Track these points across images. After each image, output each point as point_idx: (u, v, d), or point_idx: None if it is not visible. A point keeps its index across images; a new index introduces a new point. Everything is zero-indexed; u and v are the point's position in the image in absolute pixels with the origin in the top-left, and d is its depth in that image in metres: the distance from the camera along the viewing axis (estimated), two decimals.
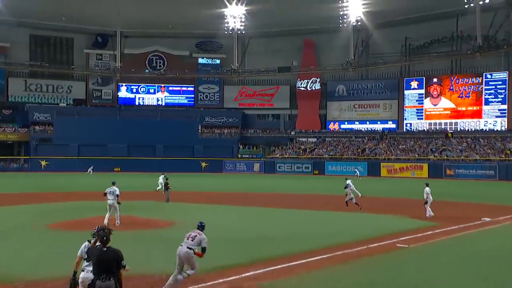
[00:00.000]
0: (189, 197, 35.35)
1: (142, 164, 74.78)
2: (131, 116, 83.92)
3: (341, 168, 71.74)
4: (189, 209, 27.60)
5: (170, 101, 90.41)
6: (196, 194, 38.41)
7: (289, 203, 31.86)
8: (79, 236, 18.14)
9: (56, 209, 26.56)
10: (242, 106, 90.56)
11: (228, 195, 38.12)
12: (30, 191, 39.01)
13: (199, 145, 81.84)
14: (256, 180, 59.77)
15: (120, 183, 49.09)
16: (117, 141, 77.83)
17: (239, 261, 14.29)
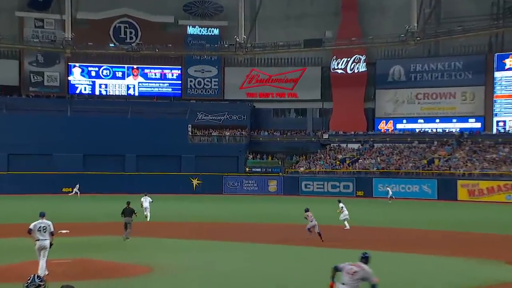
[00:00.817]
0: (172, 230, 35.10)
1: (106, 182, 74.60)
2: (89, 111, 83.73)
3: (398, 187, 71.16)
4: (173, 248, 27.64)
5: (146, 89, 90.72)
6: (183, 226, 38.21)
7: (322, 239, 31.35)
8: None
9: None
10: (252, 97, 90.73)
11: (231, 228, 37.87)
12: None
13: (189, 154, 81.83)
14: (272, 205, 59.29)
15: (71, 210, 48.80)
16: (67, 149, 77.84)
17: None
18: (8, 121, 79.28)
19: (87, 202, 58.22)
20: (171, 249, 27.29)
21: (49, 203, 57.74)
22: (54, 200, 61.73)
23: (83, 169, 77.79)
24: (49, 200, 61.73)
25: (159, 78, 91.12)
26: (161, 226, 37.89)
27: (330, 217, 38.35)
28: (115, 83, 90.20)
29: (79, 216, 42.36)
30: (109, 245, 28.11)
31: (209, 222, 41.41)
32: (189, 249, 27.36)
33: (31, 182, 73.32)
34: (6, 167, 77.13)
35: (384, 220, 43.65)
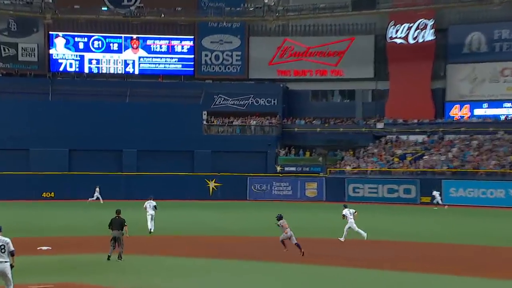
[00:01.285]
0: (181, 247, 35.21)
1: (96, 184, 74.91)
2: (76, 94, 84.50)
3: (476, 192, 70.60)
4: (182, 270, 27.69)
5: (149, 66, 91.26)
6: (196, 241, 38.26)
7: (380, 257, 31.41)
8: None
9: None
10: (284, 76, 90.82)
11: (257, 243, 37.92)
12: None
13: (204, 150, 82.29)
14: (311, 214, 59.21)
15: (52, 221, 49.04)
16: (49, 143, 78.31)
17: None
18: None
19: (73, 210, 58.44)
20: (179, 272, 27.25)
21: (24, 212, 58.41)
22: (32, 208, 62.58)
23: (69, 169, 78.70)
24: (26, 208, 62.52)
25: (166, 52, 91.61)
26: (167, 241, 37.95)
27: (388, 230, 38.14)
28: (110, 58, 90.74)
29: (63, 229, 42.58)
30: (99, 265, 28.10)
31: (229, 236, 41.32)
32: (202, 271, 27.26)
33: (3, 185, 73.56)
34: None
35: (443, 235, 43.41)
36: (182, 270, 27.53)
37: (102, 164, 78.04)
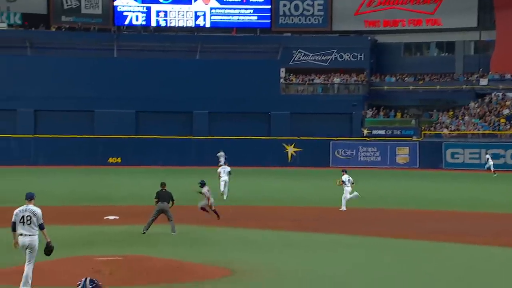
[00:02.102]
0: (257, 218, 35.53)
1: (165, 151, 75.99)
2: (143, 50, 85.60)
3: None
4: (258, 243, 27.91)
5: (222, 19, 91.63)
6: (273, 212, 38.57)
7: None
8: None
9: None
10: (373, 27, 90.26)
11: (339, 214, 38.02)
12: None
13: (282, 111, 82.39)
14: (404, 182, 59.16)
15: (117, 190, 49.85)
16: (114, 104, 79.63)
17: None
18: (34, 64, 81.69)
19: (141, 177, 59.46)
20: (255, 245, 27.40)
21: (90, 179, 59.79)
22: (97, 175, 63.93)
23: (135, 132, 79.91)
24: (91, 174, 64.06)
25: (240, 2, 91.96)
26: (242, 211, 38.43)
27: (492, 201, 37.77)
28: (179, 9, 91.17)
29: (130, 197, 43.39)
30: (168, 237, 28.65)
31: (310, 206, 41.58)
32: (280, 244, 27.41)
33: (66, 149, 75.98)
34: (32, 128, 79.76)
35: None
36: (264, 243, 27.75)
37: (171, 127, 79.12)
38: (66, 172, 65.05)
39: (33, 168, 68.76)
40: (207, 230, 30.87)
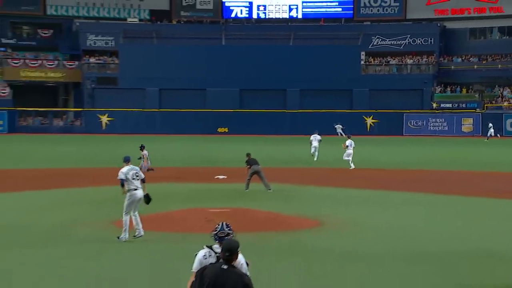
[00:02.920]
0: (341, 178, 35.40)
1: (264, 122, 76.22)
2: (245, 38, 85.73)
3: None
4: (340, 200, 27.66)
5: (312, 10, 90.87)
6: (354, 173, 38.31)
7: None
8: (165, 239, 19.07)
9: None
10: (442, 15, 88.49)
11: (412, 175, 37.48)
12: (83, 166, 41.69)
13: (362, 88, 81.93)
14: (467, 149, 58.20)
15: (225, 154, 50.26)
16: (222, 83, 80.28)
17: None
18: (159, 52, 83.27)
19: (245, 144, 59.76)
20: (340, 200, 27.24)
21: (204, 145, 60.62)
22: (208, 142, 64.44)
23: (239, 107, 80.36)
24: (203, 141, 64.62)
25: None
26: (328, 173, 38.51)
27: None
28: (276, 3, 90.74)
29: (236, 160, 43.79)
30: (266, 194, 28.73)
31: (386, 169, 41.35)
32: (361, 201, 27.24)
33: (184, 121, 77.30)
34: (157, 103, 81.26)
35: None
36: (348, 199, 27.54)
37: (269, 102, 79.57)
38: (184, 140, 65.99)
39: (158, 136, 69.82)
40: (298, 188, 31.01)
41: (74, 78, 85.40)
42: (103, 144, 61.21)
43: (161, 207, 24.32)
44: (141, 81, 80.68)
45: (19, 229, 20.67)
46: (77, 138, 70.77)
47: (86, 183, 32.16)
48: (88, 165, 42.29)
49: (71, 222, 21.16)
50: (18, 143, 63.25)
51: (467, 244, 18.95)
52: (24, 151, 54.58)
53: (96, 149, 55.94)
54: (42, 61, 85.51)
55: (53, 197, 24.11)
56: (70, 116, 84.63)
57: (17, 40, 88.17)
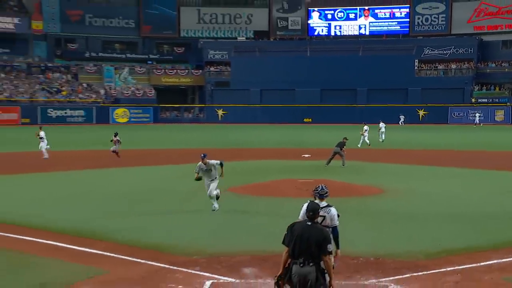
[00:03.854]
0: (400, 157, 35.10)
1: (339, 114, 76.07)
2: (325, 50, 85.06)
3: None
4: (399, 173, 27.59)
5: (376, 28, 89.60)
6: (409, 153, 37.93)
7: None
8: (265, 202, 19.33)
9: (236, 169, 28.39)
10: (479, 30, 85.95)
11: (455, 155, 36.92)
12: (206, 147, 42.49)
13: (416, 87, 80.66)
14: (499, 133, 56.88)
15: (309, 138, 50.34)
16: (307, 84, 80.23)
17: (474, 245, 13.81)
18: (260, 62, 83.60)
19: (324, 131, 59.64)
20: (396, 174, 27.14)
21: (293, 131, 60.69)
22: (294, 129, 64.73)
23: (320, 102, 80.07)
24: (292, 129, 64.66)
25: (388, 17, 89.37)
26: (389, 153, 38.03)
27: None
28: (348, 24, 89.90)
29: (319, 143, 43.74)
30: (341, 168, 28.67)
31: (433, 149, 40.80)
32: (415, 174, 27.13)
33: (278, 113, 77.89)
34: (259, 100, 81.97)
35: None
36: (405, 173, 27.44)
37: (342, 99, 79.09)
38: (278, 127, 66.32)
39: (259, 125, 70.52)
40: (366, 164, 30.96)
41: (199, 82, 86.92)
42: (219, 131, 62.13)
43: (261, 178, 24.68)
44: (247, 84, 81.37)
45: (163, 192, 21.54)
46: (200, 127, 72.26)
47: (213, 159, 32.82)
48: (208, 146, 43.10)
49: (197, 188, 21.68)
50: (160, 130, 64.98)
51: (497, 207, 18.75)
52: (164, 136, 56.08)
53: (214, 134, 56.89)
54: (176, 70, 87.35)
55: (185, 169, 24.66)
56: (196, 110, 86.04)
57: (159, 55, 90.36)
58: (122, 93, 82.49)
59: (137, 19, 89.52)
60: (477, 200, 20.09)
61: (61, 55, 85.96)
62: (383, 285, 10.86)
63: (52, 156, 33.55)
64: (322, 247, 7.96)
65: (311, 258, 7.92)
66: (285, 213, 14.99)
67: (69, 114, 75.92)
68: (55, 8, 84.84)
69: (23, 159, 33.76)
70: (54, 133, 54.45)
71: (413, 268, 11.82)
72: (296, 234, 8.07)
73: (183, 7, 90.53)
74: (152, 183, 24.14)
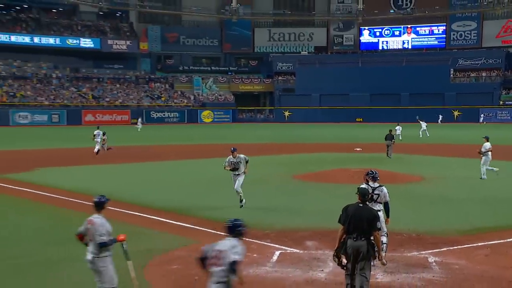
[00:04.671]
0: (437, 150, 34.35)
1: (386, 114, 74.24)
2: (374, 62, 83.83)
3: None
4: (436, 163, 26.97)
5: (417, 43, 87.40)
6: (446, 147, 37.02)
7: None
8: (324, 188, 19.26)
9: (299, 160, 28.48)
10: (507, 44, 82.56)
11: None
12: (275, 142, 42.66)
13: (451, 92, 78.13)
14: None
15: (360, 134, 49.85)
16: (359, 90, 78.94)
17: (502, 224, 13.52)
18: (320, 72, 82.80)
19: (373, 128, 58.88)
20: (437, 164, 26.56)
21: (347, 129, 60.08)
22: (348, 127, 64.00)
23: (369, 105, 78.60)
24: (345, 127, 63.98)
25: (428, 34, 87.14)
26: (428, 147, 37.07)
27: None
28: (394, 40, 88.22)
29: (369, 138, 43.23)
30: (389, 159, 28.31)
31: (468, 144, 39.50)
32: (450, 164, 26.57)
33: (334, 114, 76.92)
34: (318, 103, 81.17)
35: None
36: (443, 164, 26.78)
37: (388, 102, 77.29)
38: (333, 126, 65.66)
39: (318, 124, 70.11)
40: (409, 156, 30.35)
41: (269, 89, 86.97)
42: (285, 129, 62.17)
43: (320, 168, 24.60)
44: (309, 90, 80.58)
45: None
46: (270, 125, 72.41)
47: (276, 152, 32.93)
48: (276, 141, 43.30)
49: (268, 176, 21.80)
50: (238, 128, 65.46)
51: None
52: (240, 133, 56.46)
53: (281, 131, 56.90)
54: (251, 79, 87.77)
55: (257, 160, 24.81)
56: (266, 112, 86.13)
57: (237, 67, 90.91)
58: (207, 98, 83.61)
59: (220, 39, 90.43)
60: (505, 187, 19.47)
61: (161, 69, 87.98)
62: (423, 257, 10.82)
63: (149, 149, 34.50)
64: (372, 224, 8.06)
65: (363, 234, 8.02)
66: (340, 196, 15.09)
67: (167, 115, 77.60)
68: (157, 32, 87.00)
69: (134, 151, 34.75)
70: (154, 131, 55.90)
71: (449, 243, 11.74)
72: (350, 214, 8.16)
73: (257, 28, 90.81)
74: None
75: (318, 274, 9.79)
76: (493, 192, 18.25)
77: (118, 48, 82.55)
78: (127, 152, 33.91)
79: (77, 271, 9.62)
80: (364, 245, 8.02)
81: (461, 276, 9.71)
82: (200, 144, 39.68)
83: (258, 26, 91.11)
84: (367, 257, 8.03)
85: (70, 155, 31.71)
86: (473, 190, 18.58)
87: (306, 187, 19.41)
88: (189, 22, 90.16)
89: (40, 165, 25.76)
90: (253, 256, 10.70)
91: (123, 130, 54.09)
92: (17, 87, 72.40)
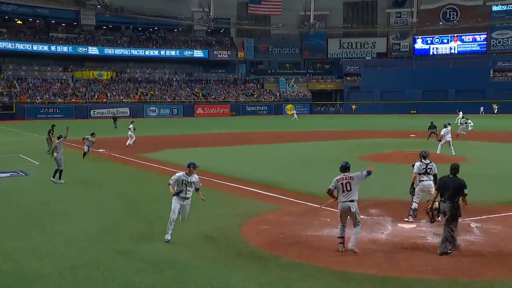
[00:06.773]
0: (479, 136, 32.14)
1: (435, 107, 70.24)
2: (426, 65, 79.39)
3: None
4: (479, 147, 25.66)
5: (462, 49, 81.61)
6: (487, 134, 34.44)
7: None
8: (383, 166, 18.77)
9: (364, 144, 27.87)
10: None
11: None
12: (344, 129, 42.00)
13: (491, 89, 72.60)
14: None
15: (414, 123, 47.69)
16: (413, 87, 75.30)
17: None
18: (381, 73, 79.45)
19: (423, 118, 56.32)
20: (479, 148, 25.19)
21: (403, 119, 57.76)
22: (404, 117, 61.50)
23: (422, 99, 74.79)
24: (401, 118, 61.32)
25: (471, 41, 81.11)
26: (472, 133, 34.34)
27: None
28: (442, 46, 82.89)
29: (420, 126, 41.31)
30: (435, 143, 26.73)
31: (506, 131, 36.83)
32: (490, 147, 25.16)
33: (393, 107, 73.25)
34: (380, 98, 77.94)
35: None
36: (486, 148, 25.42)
37: (438, 97, 72.68)
38: (392, 116, 62.91)
39: (379, 115, 67.68)
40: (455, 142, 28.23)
41: (339, 87, 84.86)
42: (353, 119, 60.70)
43: (380, 150, 23.99)
44: (372, 87, 77.69)
45: (319, 159, 21.52)
46: (340, 116, 70.66)
47: (344, 138, 32.37)
48: (345, 129, 42.48)
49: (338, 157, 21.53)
50: (315, 119, 64.58)
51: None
52: (317, 122, 56.03)
53: (350, 121, 55.57)
54: (325, 79, 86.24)
55: (330, 144, 24.60)
56: (337, 106, 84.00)
57: (314, 70, 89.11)
58: (290, 95, 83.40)
59: (300, 48, 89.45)
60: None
61: (253, 72, 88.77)
62: (466, 223, 10.44)
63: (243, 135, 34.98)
64: (460, 190, 8.42)
65: (450, 198, 8.43)
66: (397, 173, 14.79)
67: (258, 109, 78.33)
68: (251, 44, 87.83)
69: (233, 137, 35.57)
70: (248, 121, 56.54)
71: (488, 211, 11.35)
72: (443, 183, 8.65)
73: (330, 39, 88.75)
74: (313, 153, 24.21)
75: (379, 236, 9.86)
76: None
77: (222, 57, 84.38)
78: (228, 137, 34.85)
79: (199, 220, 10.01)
80: (449, 207, 8.38)
81: (498, 238, 9.50)
82: (284, 131, 39.86)
83: (331, 37, 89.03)
84: (450, 215, 8.37)
85: (186, 139, 33.02)
86: (510, 169, 17.42)
87: (369, 166, 18.96)
88: (276, 35, 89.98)
89: (165, 147, 27.07)
90: (327, 220, 10.79)
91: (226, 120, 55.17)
92: (149, 88, 76.27)
